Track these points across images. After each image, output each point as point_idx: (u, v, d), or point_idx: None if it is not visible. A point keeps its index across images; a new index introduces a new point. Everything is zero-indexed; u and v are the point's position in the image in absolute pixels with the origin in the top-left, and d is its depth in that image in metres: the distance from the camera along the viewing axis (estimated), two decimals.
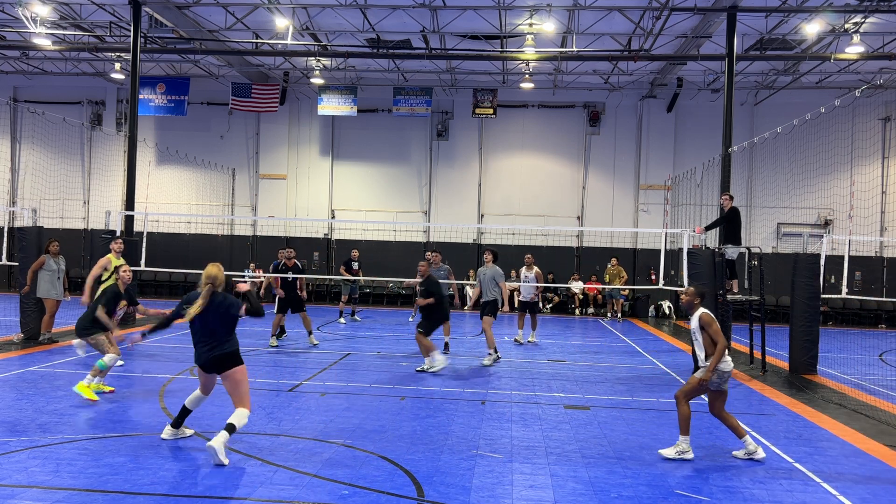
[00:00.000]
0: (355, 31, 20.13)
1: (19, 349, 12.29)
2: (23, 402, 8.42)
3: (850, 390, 10.99)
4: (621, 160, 25.07)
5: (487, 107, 24.05)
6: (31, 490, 5.54)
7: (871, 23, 18.11)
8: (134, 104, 17.78)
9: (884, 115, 23.92)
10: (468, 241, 24.84)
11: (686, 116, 24.78)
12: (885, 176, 23.93)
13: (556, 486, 6.08)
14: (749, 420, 8.81)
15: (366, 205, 25.75)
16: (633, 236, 24.29)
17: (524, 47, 19.62)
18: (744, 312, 19.70)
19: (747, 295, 13.48)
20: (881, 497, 6.13)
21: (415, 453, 6.87)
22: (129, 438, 7.04)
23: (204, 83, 25.50)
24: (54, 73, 25.66)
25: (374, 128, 25.79)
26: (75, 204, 26.25)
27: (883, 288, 23.44)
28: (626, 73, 23.17)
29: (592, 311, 23.60)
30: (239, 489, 5.72)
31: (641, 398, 9.98)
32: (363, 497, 5.63)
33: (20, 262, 13.54)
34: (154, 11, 18.35)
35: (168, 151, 25.68)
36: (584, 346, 15.67)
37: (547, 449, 7.23)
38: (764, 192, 24.33)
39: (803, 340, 12.40)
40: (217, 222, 26.02)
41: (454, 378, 11.05)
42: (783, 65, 21.96)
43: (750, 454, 7.10)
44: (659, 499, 5.86)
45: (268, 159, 25.98)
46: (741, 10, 16.51)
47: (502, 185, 25.49)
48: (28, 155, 26.39)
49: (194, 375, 10.42)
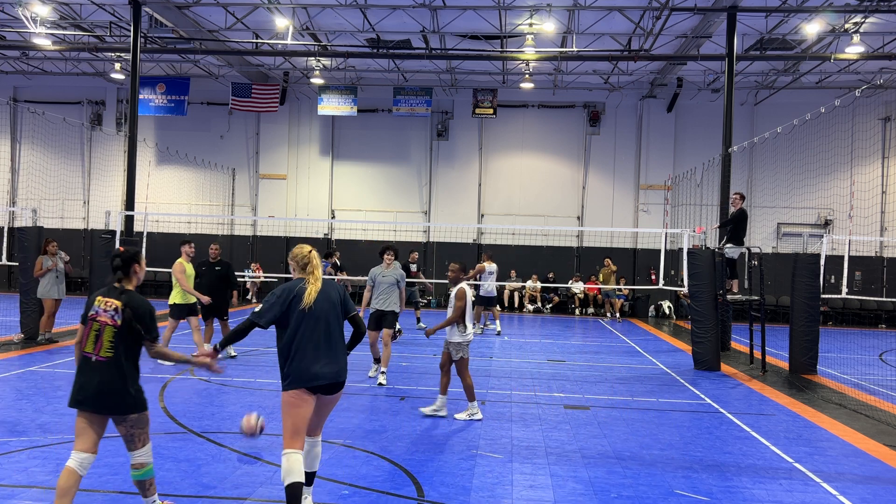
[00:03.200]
0: (355, 31, 20.13)
1: (19, 349, 12.29)
2: (23, 402, 8.42)
3: (850, 390, 10.99)
4: (621, 160, 25.07)
5: (487, 107, 24.05)
6: (31, 490, 5.53)
7: (871, 23, 18.11)
8: (134, 104, 17.78)
9: (884, 115, 23.92)
10: (468, 241, 24.84)
11: (686, 116, 24.78)
12: (885, 176, 23.92)
13: (556, 486, 6.08)
14: (749, 420, 8.81)
15: (366, 205, 25.75)
16: (633, 236, 24.28)
17: (524, 47, 19.62)
18: (744, 312, 19.74)
19: (747, 295, 13.49)
20: (881, 497, 6.13)
21: (415, 453, 6.87)
22: None
23: (204, 83, 25.50)
24: (54, 73, 25.66)
25: (374, 128, 25.79)
26: (75, 204, 26.25)
27: (883, 288, 23.44)
28: (626, 73, 23.17)
29: (592, 311, 23.59)
30: (239, 489, 5.72)
31: (641, 398, 9.97)
32: (363, 497, 5.63)
33: (20, 262, 13.53)
34: (154, 11, 18.34)
35: (168, 151, 25.68)
36: (584, 346, 15.66)
37: (547, 449, 7.23)
38: (764, 192, 24.33)
39: (803, 340, 12.40)
40: (217, 222, 26.02)
41: (454, 378, 11.03)
42: (783, 65, 21.96)
43: (471, 415, 8.35)
44: (659, 499, 5.86)
45: (268, 159, 25.98)
46: (741, 10, 16.51)
47: (502, 185, 25.48)
48: (28, 155, 26.38)
49: (195, 375, 10.39)
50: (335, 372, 4.93)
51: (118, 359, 4.61)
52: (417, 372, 11.43)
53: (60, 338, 13.50)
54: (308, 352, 4.86)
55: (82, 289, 23.70)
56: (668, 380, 11.63)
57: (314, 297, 4.93)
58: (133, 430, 4.74)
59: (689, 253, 13.26)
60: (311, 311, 4.90)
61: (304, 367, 4.84)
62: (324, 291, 5.01)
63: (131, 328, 4.64)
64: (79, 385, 4.63)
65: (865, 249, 23.80)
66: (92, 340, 4.62)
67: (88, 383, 4.59)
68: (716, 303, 12.97)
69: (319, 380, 4.85)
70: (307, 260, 5.09)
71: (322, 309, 4.95)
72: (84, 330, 4.68)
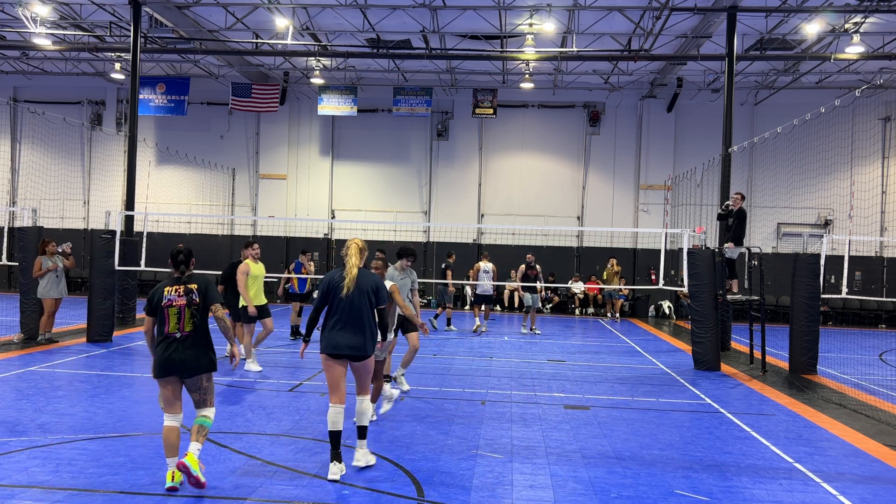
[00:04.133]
0: (355, 31, 20.13)
1: (19, 349, 12.29)
2: (23, 402, 8.41)
3: (850, 390, 10.99)
4: (621, 160, 25.07)
5: (487, 107, 24.05)
6: (31, 490, 5.54)
7: (871, 23, 18.11)
8: (134, 104, 17.78)
9: (884, 115, 23.92)
10: (468, 241, 24.85)
11: (686, 116, 24.78)
12: (885, 176, 23.92)
13: (556, 486, 6.08)
14: (749, 420, 8.81)
15: (366, 205, 25.75)
16: (633, 236, 24.29)
17: (524, 47, 19.62)
18: (744, 312, 19.75)
19: (747, 295, 13.49)
20: (881, 497, 6.13)
21: (415, 453, 6.87)
22: (129, 438, 7.04)
23: (204, 83, 25.50)
24: (54, 73, 25.66)
25: (374, 128, 25.79)
26: (75, 204, 26.25)
27: (883, 288, 23.44)
28: (626, 73, 23.17)
29: (592, 311, 23.59)
30: (239, 489, 5.72)
31: (641, 398, 9.97)
32: (363, 497, 5.63)
33: (20, 262, 13.53)
34: (154, 11, 18.34)
35: (168, 151, 25.68)
36: (584, 346, 15.66)
37: (547, 449, 7.23)
38: (764, 192, 24.33)
39: (803, 340, 12.40)
40: (217, 222, 26.02)
41: (454, 378, 11.05)
42: (783, 65, 21.96)
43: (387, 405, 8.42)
44: (659, 499, 5.86)
45: (268, 159, 25.98)
46: (741, 10, 16.51)
47: (502, 185, 25.49)
48: (28, 155, 26.38)
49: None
50: (350, 345, 6.10)
51: (198, 330, 5.79)
52: (418, 372, 11.43)
53: (60, 338, 13.51)
54: (335, 327, 6.13)
55: (82, 289, 23.70)
56: (668, 380, 11.63)
57: (348, 285, 6.13)
58: (207, 386, 5.86)
59: (689, 253, 13.25)
60: (343, 296, 6.12)
61: (329, 338, 6.14)
62: (357, 280, 6.18)
63: (205, 304, 5.82)
64: (164, 359, 5.68)
65: (865, 249, 23.80)
66: (174, 322, 5.72)
67: (175, 355, 5.67)
68: (716, 303, 12.97)
69: (337, 349, 6.10)
70: (344, 253, 6.30)
71: (353, 295, 6.15)
72: (162, 316, 5.75)
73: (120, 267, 14.06)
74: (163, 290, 5.81)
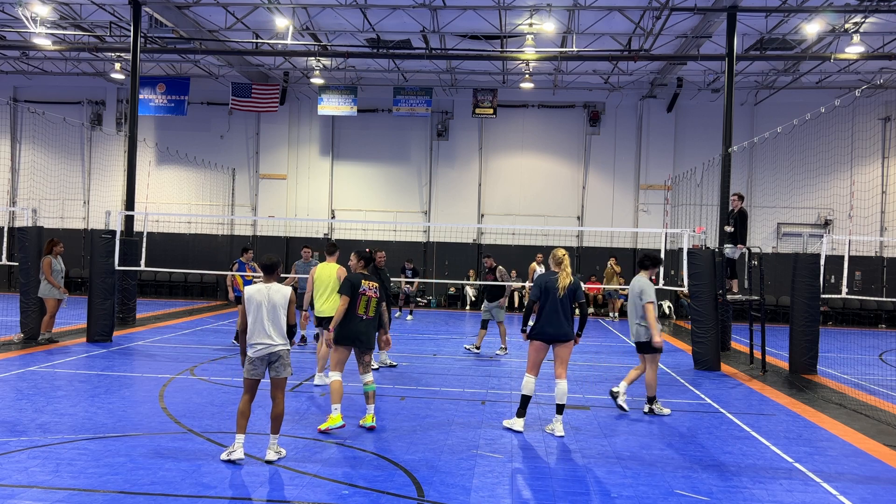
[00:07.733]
0: (355, 31, 20.13)
1: (19, 349, 12.28)
2: (23, 402, 8.41)
3: (850, 390, 10.99)
4: (621, 160, 25.07)
5: (487, 107, 24.05)
6: (31, 490, 5.54)
7: (871, 23, 18.11)
8: (134, 104, 17.78)
9: (884, 115, 23.91)
10: (468, 241, 24.85)
11: (686, 116, 24.78)
12: (885, 176, 23.92)
13: (556, 486, 6.08)
14: (749, 420, 8.81)
15: (366, 205, 25.75)
16: (633, 236, 24.29)
17: (524, 47, 19.62)
18: (744, 312, 19.73)
19: (747, 295, 13.49)
20: (881, 497, 6.13)
21: (415, 453, 6.88)
22: (129, 438, 7.04)
23: (204, 83, 25.50)
24: (54, 73, 25.66)
25: (374, 128, 25.79)
26: (75, 204, 26.25)
27: (883, 288, 23.44)
28: (626, 73, 23.17)
29: (592, 311, 23.59)
30: (239, 489, 5.72)
31: (642, 398, 9.97)
32: (363, 497, 5.63)
33: (20, 262, 13.52)
34: (154, 11, 18.33)
35: (168, 151, 25.68)
36: (584, 346, 15.65)
37: (547, 449, 7.23)
38: (764, 192, 24.33)
39: (803, 340, 12.40)
40: (217, 222, 26.02)
41: (454, 378, 11.05)
42: (783, 65, 21.96)
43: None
44: (659, 499, 5.86)
45: (268, 159, 25.98)
46: (741, 10, 16.51)
47: (502, 185, 25.49)
48: (28, 155, 26.38)
49: (195, 375, 10.42)
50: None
51: (376, 317, 7.80)
52: (417, 372, 11.43)
53: (60, 338, 13.51)
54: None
55: (82, 289, 23.70)
56: (669, 380, 11.63)
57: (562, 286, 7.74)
58: (368, 359, 7.75)
59: (689, 253, 13.25)
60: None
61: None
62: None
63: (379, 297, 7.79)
64: (351, 331, 7.56)
65: (865, 249, 23.80)
66: (363, 306, 7.59)
67: (358, 330, 7.58)
68: (716, 303, 12.97)
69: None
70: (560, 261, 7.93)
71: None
72: (357, 301, 7.55)
73: (120, 267, 14.07)
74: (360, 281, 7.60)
